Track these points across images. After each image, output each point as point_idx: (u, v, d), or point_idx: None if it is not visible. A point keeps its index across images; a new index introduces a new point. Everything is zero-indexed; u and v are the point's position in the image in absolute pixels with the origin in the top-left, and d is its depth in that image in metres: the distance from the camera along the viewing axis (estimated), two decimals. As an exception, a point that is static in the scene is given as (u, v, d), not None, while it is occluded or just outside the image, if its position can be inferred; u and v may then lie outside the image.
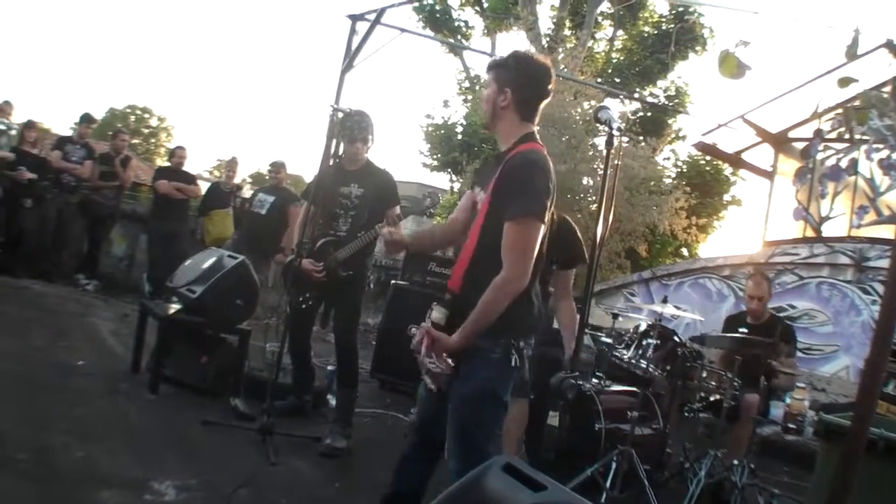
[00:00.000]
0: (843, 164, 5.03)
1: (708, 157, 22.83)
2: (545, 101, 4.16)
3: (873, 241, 13.09)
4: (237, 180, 14.85)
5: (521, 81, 4.13)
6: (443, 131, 26.58)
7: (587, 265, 3.97)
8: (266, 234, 11.76)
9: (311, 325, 7.66)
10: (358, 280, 7.22)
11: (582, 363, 5.03)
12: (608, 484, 6.17)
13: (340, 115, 6.85)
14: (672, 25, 26.76)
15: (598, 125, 4.75)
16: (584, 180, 18.45)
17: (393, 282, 10.23)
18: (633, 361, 7.13)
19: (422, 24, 29.33)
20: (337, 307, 7.38)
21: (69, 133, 13.70)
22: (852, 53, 3.90)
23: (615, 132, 3.92)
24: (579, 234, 6.81)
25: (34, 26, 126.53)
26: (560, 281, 6.69)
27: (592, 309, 6.22)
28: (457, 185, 25.34)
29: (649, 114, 26.59)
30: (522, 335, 4.12)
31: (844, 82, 4.12)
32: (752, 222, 33.83)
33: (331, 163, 7.08)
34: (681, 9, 26.20)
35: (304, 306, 7.26)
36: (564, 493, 2.81)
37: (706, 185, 23.91)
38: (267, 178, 13.86)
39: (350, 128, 7.10)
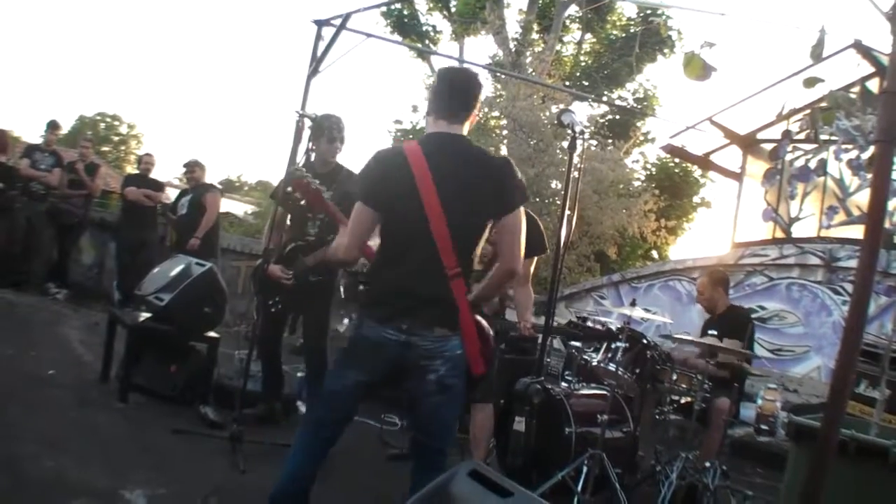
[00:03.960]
0: (812, 164, 5.04)
1: (677, 160, 22.83)
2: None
3: (843, 241, 13.16)
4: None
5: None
6: (411, 136, 26.46)
7: (553, 269, 3.97)
8: (190, 232, 11.88)
9: (281, 329, 7.64)
10: (327, 286, 7.18)
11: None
12: (579, 488, 6.16)
13: (307, 120, 6.81)
14: (640, 27, 26.80)
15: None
16: (553, 184, 18.46)
17: (361, 287, 10.18)
18: (603, 365, 7.13)
19: (389, 28, 29.29)
20: (306, 313, 7.35)
21: (39, 141, 13.62)
22: (817, 54, 3.90)
23: (578, 136, 3.91)
24: (540, 227, 6.84)
25: (2, 34, 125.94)
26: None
27: (561, 312, 6.23)
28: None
29: (617, 117, 26.63)
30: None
31: (810, 83, 4.13)
32: (722, 224, 34.01)
33: (301, 163, 7.06)
34: (648, 11, 26.24)
35: (273, 310, 7.22)
36: (531, 500, 2.80)
37: (675, 187, 23.97)
38: (184, 179, 13.77)
39: (329, 127, 7.08)
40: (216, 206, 12.57)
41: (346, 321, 5.96)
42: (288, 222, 7.42)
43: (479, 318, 4.45)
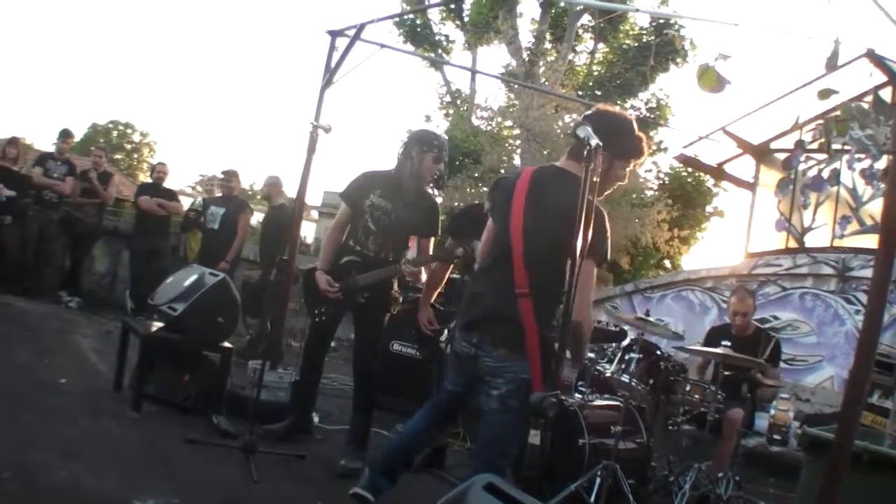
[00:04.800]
0: (825, 174, 5.05)
1: (690, 169, 22.78)
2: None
3: (856, 250, 13.12)
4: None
5: None
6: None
7: (568, 281, 3.95)
8: (220, 249, 12.04)
9: (328, 340, 7.54)
10: (381, 303, 7.02)
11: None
12: (592, 499, 6.14)
13: (321, 131, 6.75)
14: (653, 38, 26.76)
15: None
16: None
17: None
18: (616, 376, 7.12)
19: (402, 38, 29.28)
20: (357, 329, 7.24)
21: (51, 149, 13.62)
22: (832, 64, 3.90)
23: (595, 149, 3.88)
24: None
25: (15, 42, 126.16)
26: None
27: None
28: (439, 200, 25.32)
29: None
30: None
31: (825, 94, 4.13)
32: (735, 234, 33.91)
33: (390, 169, 7.02)
34: (661, 21, 26.18)
35: (317, 320, 7.20)
36: (546, 512, 2.80)
37: (688, 196, 23.91)
38: (219, 187, 13.72)
39: (440, 147, 6.99)
40: (247, 227, 12.70)
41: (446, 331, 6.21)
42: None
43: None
